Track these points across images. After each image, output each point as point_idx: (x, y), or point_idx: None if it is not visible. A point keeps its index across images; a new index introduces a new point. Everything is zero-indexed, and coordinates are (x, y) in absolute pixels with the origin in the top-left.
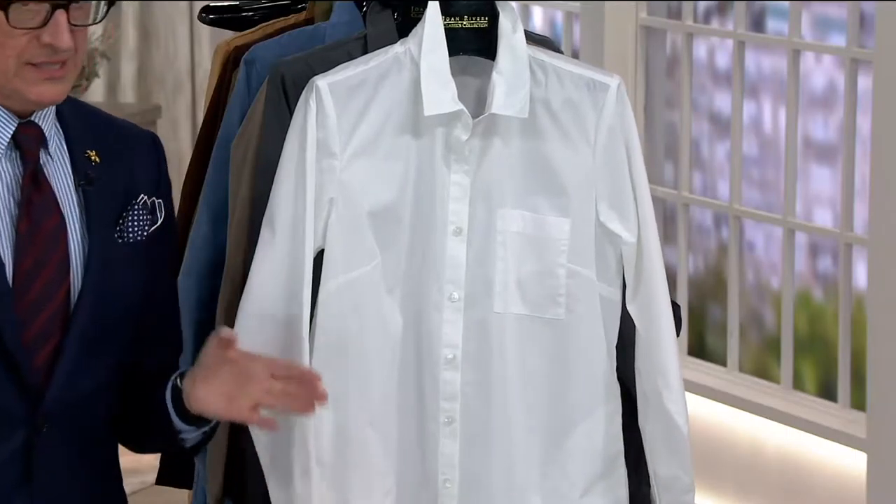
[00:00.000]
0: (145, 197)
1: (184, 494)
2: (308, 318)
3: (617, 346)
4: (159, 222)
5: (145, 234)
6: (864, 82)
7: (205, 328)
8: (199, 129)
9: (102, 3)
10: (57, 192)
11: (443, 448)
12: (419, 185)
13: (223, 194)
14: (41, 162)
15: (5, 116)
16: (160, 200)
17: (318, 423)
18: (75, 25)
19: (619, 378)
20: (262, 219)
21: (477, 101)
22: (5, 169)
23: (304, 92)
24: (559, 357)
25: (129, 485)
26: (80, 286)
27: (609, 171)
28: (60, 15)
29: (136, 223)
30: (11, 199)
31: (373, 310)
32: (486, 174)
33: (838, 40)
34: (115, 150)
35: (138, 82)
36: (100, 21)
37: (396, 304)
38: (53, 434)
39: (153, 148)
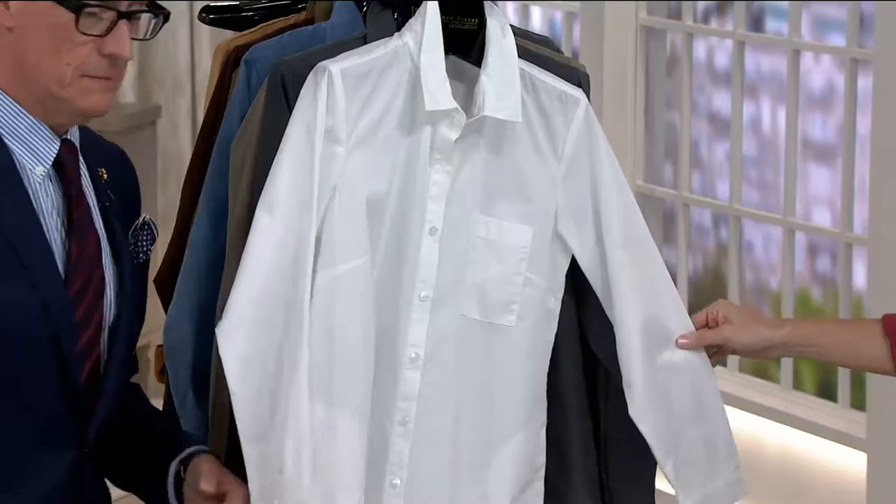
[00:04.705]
0: (146, 214)
1: None
2: (309, 306)
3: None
4: (157, 239)
5: (150, 252)
6: (864, 82)
7: (204, 330)
8: (199, 129)
9: (159, 19)
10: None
11: (393, 447)
12: (404, 181)
13: (223, 194)
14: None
15: (49, 135)
16: (151, 217)
17: (311, 416)
18: (132, 38)
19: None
20: None
21: (463, 105)
22: (52, 189)
23: (311, 76)
24: (505, 363)
25: None
26: (113, 308)
27: (572, 184)
28: (124, 24)
29: (143, 242)
30: (59, 220)
31: (359, 303)
32: (464, 176)
33: (838, 40)
34: (114, 168)
35: (138, 82)
36: (151, 37)
37: (375, 298)
38: (93, 456)
39: (130, 163)
